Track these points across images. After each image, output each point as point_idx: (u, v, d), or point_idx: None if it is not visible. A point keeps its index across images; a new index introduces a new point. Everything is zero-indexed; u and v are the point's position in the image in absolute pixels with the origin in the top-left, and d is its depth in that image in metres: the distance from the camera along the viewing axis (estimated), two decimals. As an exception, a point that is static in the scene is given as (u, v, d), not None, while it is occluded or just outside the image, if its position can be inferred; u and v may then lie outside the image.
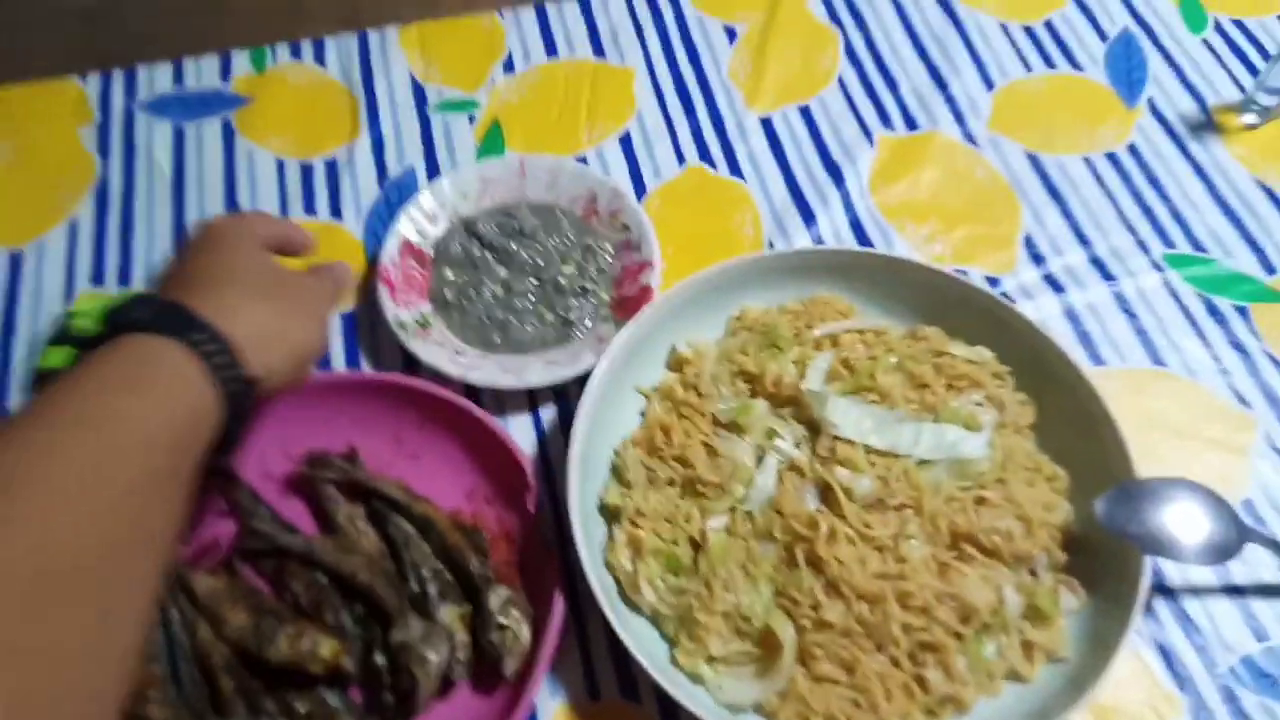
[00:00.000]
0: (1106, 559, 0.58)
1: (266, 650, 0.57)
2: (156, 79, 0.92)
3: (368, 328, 0.76)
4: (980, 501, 0.60)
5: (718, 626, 0.58)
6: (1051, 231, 0.80)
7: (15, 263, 0.81)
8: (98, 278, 0.80)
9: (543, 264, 0.76)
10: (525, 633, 0.59)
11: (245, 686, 0.58)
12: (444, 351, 0.69)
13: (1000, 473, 0.62)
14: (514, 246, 0.76)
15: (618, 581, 0.62)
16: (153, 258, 0.81)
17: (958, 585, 0.58)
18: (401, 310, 0.72)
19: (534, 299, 0.75)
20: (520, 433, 0.70)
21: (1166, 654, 0.61)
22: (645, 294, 0.72)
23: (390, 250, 0.75)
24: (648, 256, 0.74)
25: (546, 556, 0.62)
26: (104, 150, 0.88)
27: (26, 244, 0.82)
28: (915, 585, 0.57)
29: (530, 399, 0.72)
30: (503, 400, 0.71)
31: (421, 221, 0.78)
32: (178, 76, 0.93)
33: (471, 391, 0.70)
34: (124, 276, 0.80)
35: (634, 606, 0.61)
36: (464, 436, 0.67)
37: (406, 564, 0.63)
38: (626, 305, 0.73)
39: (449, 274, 0.75)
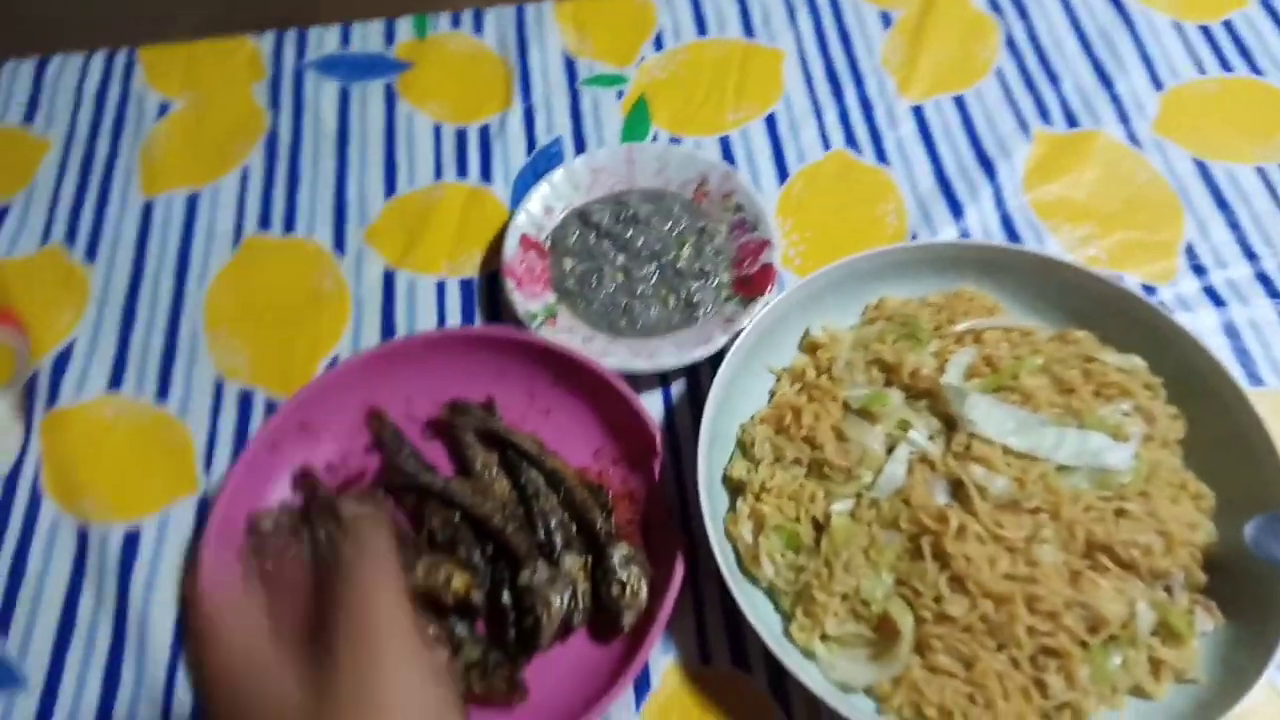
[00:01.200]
0: (1250, 585, 0.56)
1: (416, 575, 0.61)
2: (326, 40, 0.97)
3: (487, 312, 0.78)
4: (1120, 513, 0.58)
5: (835, 607, 0.59)
6: (1215, 242, 0.76)
7: (192, 203, 0.87)
8: (265, 222, 0.85)
9: (659, 248, 0.76)
10: (644, 590, 0.61)
11: None
12: (574, 339, 0.70)
13: (1144, 486, 0.60)
14: (629, 232, 0.77)
15: (737, 553, 0.63)
16: (316, 207, 0.86)
17: (1089, 594, 0.56)
18: (530, 302, 0.74)
19: (655, 283, 0.75)
20: (648, 405, 0.71)
21: (1305, 688, 0.58)
22: (767, 272, 0.72)
23: (511, 246, 0.76)
24: (765, 235, 0.74)
25: (668, 521, 0.64)
26: (275, 105, 0.93)
27: (203, 186, 0.88)
28: (1045, 589, 0.56)
29: (661, 377, 0.73)
30: (634, 380, 0.72)
31: (537, 215, 0.79)
32: (345, 39, 0.97)
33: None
34: (289, 223, 0.85)
35: (752, 579, 0.62)
36: (593, 398, 0.69)
37: (536, 513, 0.65)
38: (749, 284, 0.73)
39: (568, 263, 0.77)
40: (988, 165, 0.82)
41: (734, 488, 0.65)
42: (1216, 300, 0.72)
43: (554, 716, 0.58)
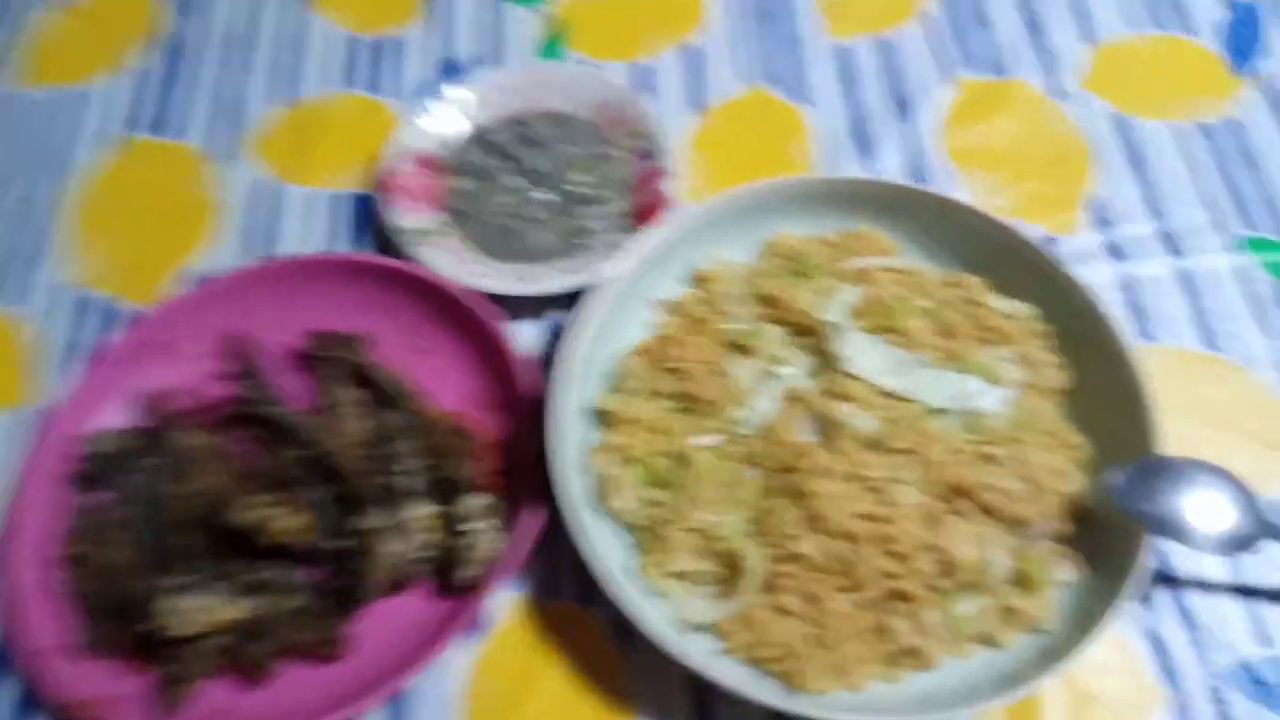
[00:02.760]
0: (1113, 537, 0.55)
1: (230, 512, 0.57)
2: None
3: (375, 230, 0.74)
4: (987, 458, 0.57)
5: (687, 543, 0.57)
6: (1124, 198, 0.74)
7: (72, 99, 0.82)
8: (144, 123, 0.81)
9: (557, 172, 0.74)
10: (491, 542, 0.58)
11: (208, 544, 0.58)
12: (455, 260, 0.67)
13: (1016, 433, 0.59)
14: (528, 155, 0.74)
15: (597, 487, 0.60)
16: (200, 111, 0.82)
17: (945, 538, 0.55)
18: (409, 218, 0.71)
19: (548, 208, 0.73)
20: (530, 337, 0.69)
21: (1159, 645, 0.57)
22: (661, 201, 0.70)
23: (394, 158, 0.73)
24: (663, 163, 0.72)
25: (533, 465, 0.61)
26: (181, 7, 0.88)
27: (84, 83, 0.83)
28: (899, 530, 0.54)
29: (542, 307, 0.70)
30: (519, 310, 0.70)
31: (432, 131, 0.75)
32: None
33: (494, 302, 0.68)
34: (170, 126, 0.81)
35: (609, 514, 0.60)
36: (475, 339, 0.66)
37: (389, 456, 0.61)
38: (642, 213, 0.71)
39: (462, 183, 0.74)
40: (906, 108, 0.79)
41: (604, 420, 0.63)
42: (1117, 255, 0.71)
43: (380, 671, 0.55)
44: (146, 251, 0.74)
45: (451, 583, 0.57)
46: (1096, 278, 0.70)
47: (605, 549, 0.56)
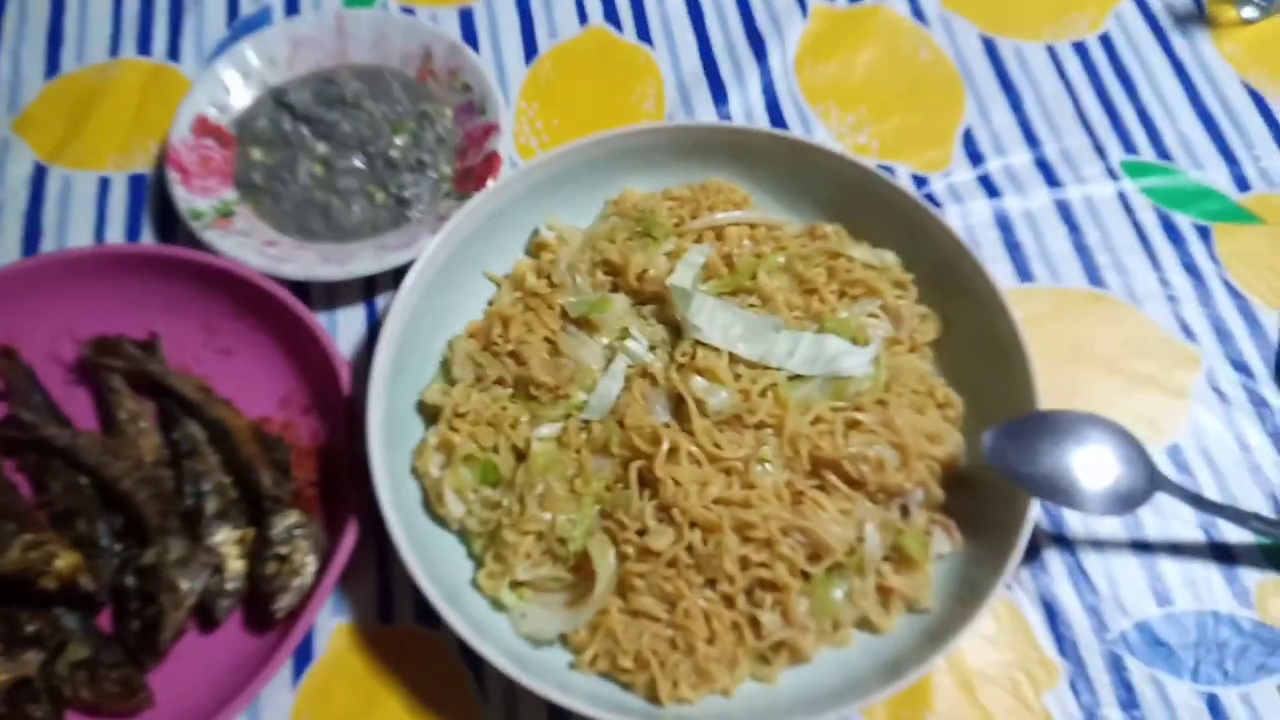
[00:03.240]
0: (994, 502, 0.51)
1: None
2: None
3: (160, 215, 0.65)
4: (852, 425, 0.53)
5: (527, 547, 0.51)
6: (996, 127, 0.69)
7: None
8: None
9: (369, 135, 0.64)
10: (309, 565, 0.51)
11: None
12: (251, 243, 0.60)
13: (882, 394, 0.54)
14: (335, 117, 0.65)
15: (426, 491, 0.53)
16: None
17: (810, 518, 0.50)
18: (197, 198, 0.61)
19: (361, 177, 0.64)
20: (352, 330, 0.61)
21: (1051, 612, 0.53)
22: (492, 162, 0.62)
23: (181, 128, 0.63)
24: (493, 118, 0.64)
25: (349, 473, 0.53)
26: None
27: None
28: (759, 515, 0.49)
29: (368, 292, 0.63)
30: (335, 294, 0.62)
31: (219, 95, 0.66)
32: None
33: (304, 287, 0.61)
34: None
35: (443, 521, 0.53)
36: (284, 333, 0.58)
37: (187, 474, 0.54)
38: (472, 177, 0.63)
39: (256, 154, 0.64)
40: (759, 45, 0.73)
41: (430, 415, 0.56)
42: (991, 190, 0.67)
43: None
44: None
45: (267, 613, 0.51)
46: (972, 216, 0.66)
47: (439, 563, 0.50)
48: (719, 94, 0.71)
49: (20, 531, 0.50)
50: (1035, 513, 0.49)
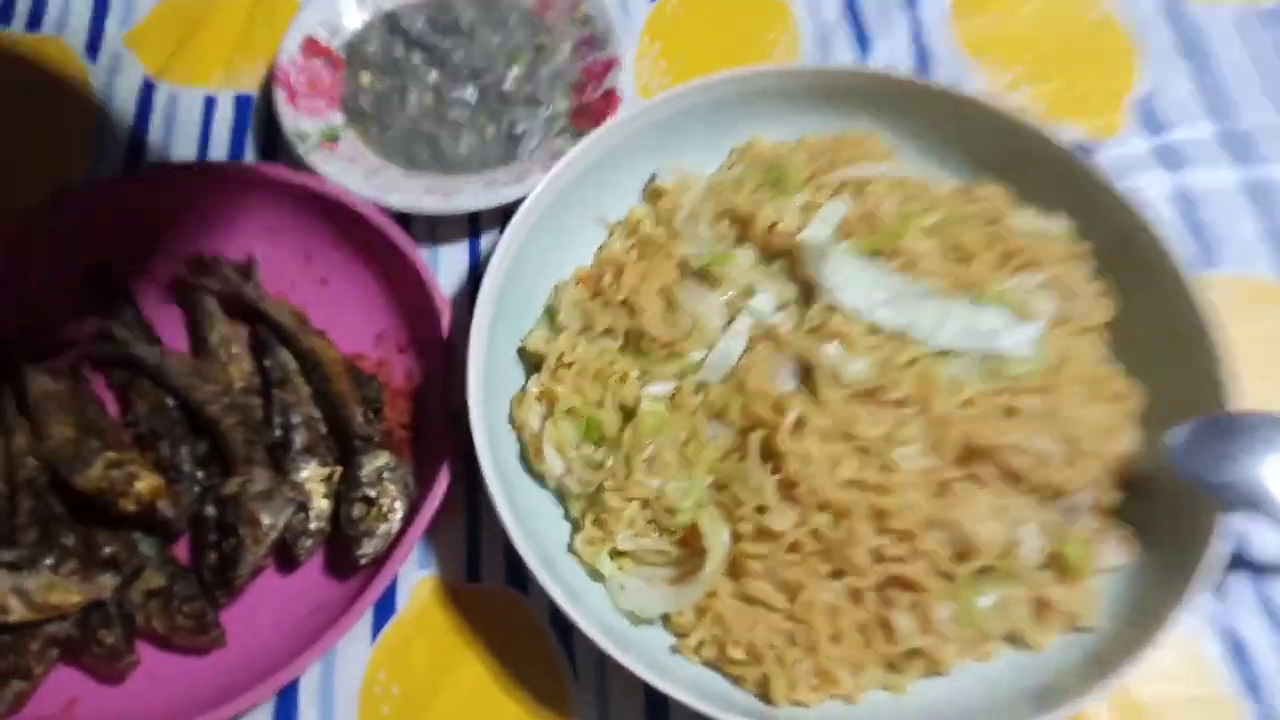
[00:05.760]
0: (1175, 511, 0.44)
1: (78, 473, 0.47)
2: None
3: (264, 136, 0.63)
4: (1012, 412, 0.46)
5: (631, 514, 0.46)
6: (1177, 96, 0.62)
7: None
8: (3, 14, 0.69)
9: (483, 66, 0.60)
10: (397, 511, 0.48)
11: (46, 511, 0.48)
12: (355, 169, 0.57)
13: (1048, 379, 0.47)
14: (448, 45, 0.61)
15: (523, 444, 0.48)
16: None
17: (959, 511, 0.44)
18: (304, 119, 0.58)
19: (473, 109, 0.60)
20: (454, 268, 0.58)
21: (1237, 647, 0.46)
22: (611, 99, 0.58)
23: (290, 48, 0.60)
24: (614, 53, 0.59)
25: (446, 419, 0.50)
26: None
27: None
28: (899, 502, 0.43)
29: (472, 229, 0.59)
30: (438, 230, 0.59)
31: (331, 16, 0.62)
32: None
33: (407, 220, 0.57)
34: (34, 17, 0.68)
35: (539, 478, 0.48)
36: (383, 266, 0.55)
37: (276, 405, 0.51)
38: (589, 114, 0.59)
39: (366, 78, 0.61)
40: (909, -10, 0.66)
41: (532, 363, 0.51)
42: (1170, 163, 0.59)
43: (263, 664, 0.45)
44: (7, 162, 0.62)
45: (349, 559, 0.47)
46: (1146, 190, 0.58)
47: (534, 522, 0.46)
48: (862, 42, 0.65)
49: (104, 449, 0.48)
50: (1225, 527, 0.41)
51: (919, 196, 0.53)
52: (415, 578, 0.49)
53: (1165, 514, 0.44)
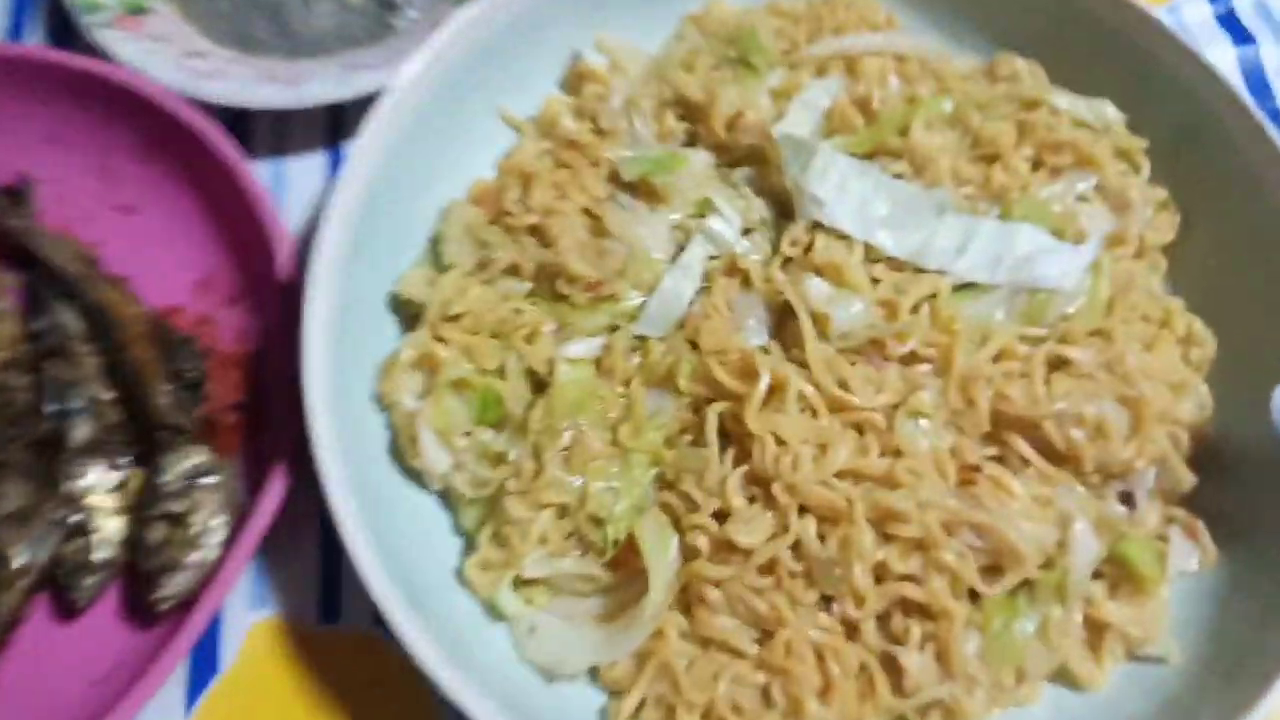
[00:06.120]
0: (1271, 492, 0.35)
1: None
2: None
3: (54, 14, 0.49)
4: (1057, 365, 0.37)
5: (544, 527, 0.36)
6: (1245, -54, 0.50)
7: None
8: None
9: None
10: (214, 531, 0.37)
11: None
12: (166, 51, 0.45)
13: (1102, 319, 0.38)
14: None
15: (395, 430, 0.37)
16: None
17: (989, 508, 0.34)
18: None
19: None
20: (307, 189, 0.46)
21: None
22: None
23: None
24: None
25: (289, 396, 0.37)
26: None
27: None
28: (910, 500, 0.34)
29: (332, 134, 0.47)
30: (286, 136, 0.47)
31: None
32: None
33: (244, 124, 0.45)
34: None
35: (418, 477, 0.37)
36: (209, 189, 0.44)
37: (49, 384, 0.40)
38: None
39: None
40: None
41: (409, 317, 0.39)
42: (1238, 34, 0.50)
43: None
44: None
45: (151, 603, 0.36)
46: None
47: (405, 541, 0.35)
48: (846, -119, 0.50)
49: None
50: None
51: (929, 76, 0.43)
52: (247, 621, 0.38)
53: (1259, 500, 0.35)
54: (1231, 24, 0.50)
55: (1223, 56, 0.49)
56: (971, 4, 0.45)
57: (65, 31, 0.48)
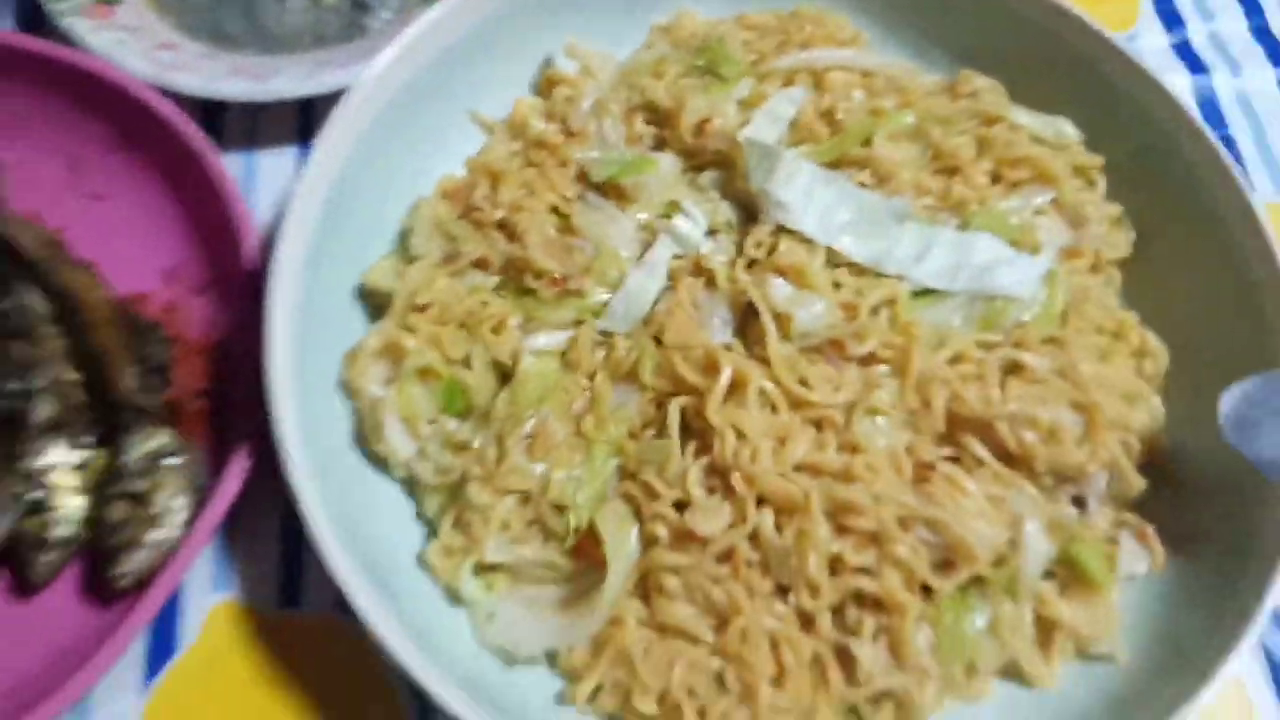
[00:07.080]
0: (1219, 499, 0.36)
1: None
2: None
3: (25, 2, 0.49)
4: (1011, 370, 0.37)
5: (505, 514, 0.35)
6: (1201, -19, 0.51)
7: None
8: None
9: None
10: (175, 512, 0.37)
11: None
12: (136, 43, 0.45)
13: (1057, 328, 0.38)
14: None
15: (360, 417, 0.37)
16: None
17: (943, 505, 0.34)
18: None
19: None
20: (276, 182, 0.46)
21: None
22: None
23: None
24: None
25: (254, 385, 0.37)
26: None
27: None
28: (865, 494, 0.34)
29: (304, 130, 0.47)
30: (257, 130, 0.47)
31: None
32: None
33: (217, 118, 0.45)
34: None
35: (383, 463, 0.36)
36: (178, 178, 0.44)
37: (13, 363, 0.39)
38: None
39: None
40: None
41: (376, 307, 0.39)
42: (1193, 64, 0.51)
43: None
44: None
45: (109, 580, 0.36)
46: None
47: (369, 527, 0.35)
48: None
49: None
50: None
51: (893, 91, 0.44)
52: (207, 603, 0.37)
53: (1207, 507, 0.36)
54: (1187, 54, 0.50)
55: (1179, 85, 0.50)
56: (937, 23, 0.45)
57: (35, 19, 0.47)
